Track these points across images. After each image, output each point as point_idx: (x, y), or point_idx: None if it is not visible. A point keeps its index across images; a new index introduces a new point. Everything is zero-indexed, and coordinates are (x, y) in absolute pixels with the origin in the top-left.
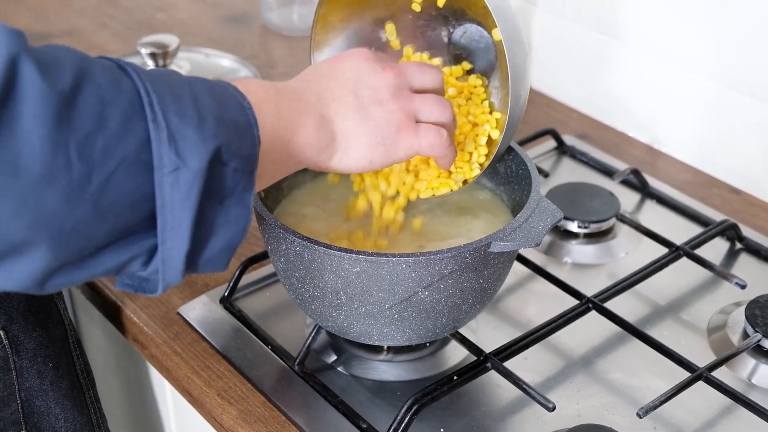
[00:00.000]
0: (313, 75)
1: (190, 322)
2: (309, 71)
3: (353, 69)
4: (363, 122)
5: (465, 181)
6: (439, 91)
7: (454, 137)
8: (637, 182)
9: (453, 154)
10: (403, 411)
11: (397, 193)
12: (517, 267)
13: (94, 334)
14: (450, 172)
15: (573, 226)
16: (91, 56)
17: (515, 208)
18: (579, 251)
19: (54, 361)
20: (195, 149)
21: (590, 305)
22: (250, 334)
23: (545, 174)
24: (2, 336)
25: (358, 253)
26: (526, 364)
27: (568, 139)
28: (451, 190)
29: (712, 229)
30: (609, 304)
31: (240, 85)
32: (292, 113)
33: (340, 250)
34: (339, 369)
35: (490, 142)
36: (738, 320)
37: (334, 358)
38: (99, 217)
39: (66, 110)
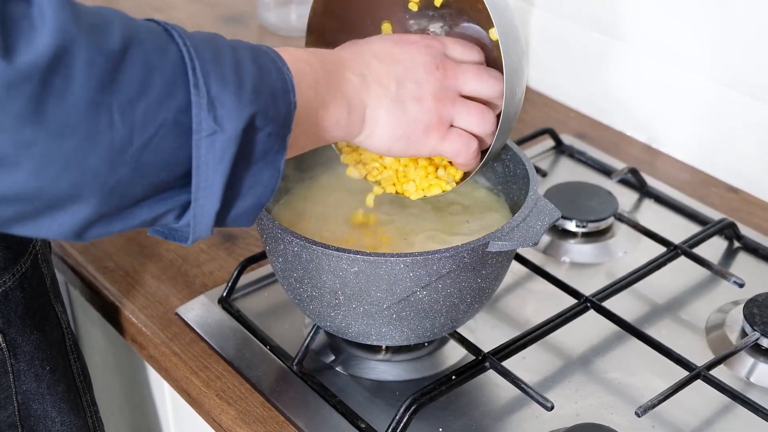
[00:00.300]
0: (368, 52)
1: (189, 322)
2: (366, 45)
3: (409, 59)
4: (396, 114)
5: (459, 181)
6: (493, 98)
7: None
8: (635, 181)
9: (476, 164)
10: (401, 411)
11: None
12: (515, 266)
13: (93, 334)
14: (437, 172)
15: (571, 226)
16: (138, 20)
17: (513, 208)
18: (577, 250)
19: (51, 364)
20: (232, 115)
21: (588, 304)
22: (249, 334)
23: (543, 173)
24: (0, 339)
25: (356, 253)
26: (525, 364)
27: (566, 139)
28: (443, 191)
29: (710, 228)
30: (607, 304)
31: (285, 54)
32: (330, 91)
33: (338, 250)
34: (337, 369)
35: None
36: (736, 319)
37: (332, 358)
38: (137, 175)
39: (112, 75)
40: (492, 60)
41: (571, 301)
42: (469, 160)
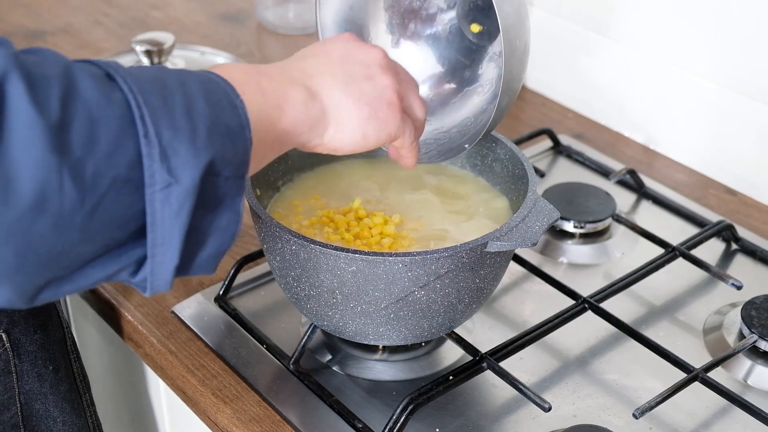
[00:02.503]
0: (296, 56)
1: (185, 320)
2: (294, 56)
3: (341, 47)
4: (353, 95)
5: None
6: (420, 116)
7: None
8: (633, 182)
9: (417, 154)
10: (398, 411)
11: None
12: (513, 267)
13: (89, 332)
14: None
15: (569, 226)
16: (79, 65)
17: (512, 208)
18: (575, 251)
19: (54, 364)
20: (188, 165)
21: (586, 305)
22: (245, 332)
23: (541, 174)
24: (4, 339)
25: (354, 252)
26: (522, 365)
27: (564, 139)
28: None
29: (708, 230)
30: (605, 305)
31: (221, 72)
32: (277, 89)
33: (336, 249)
34: (334, 368)
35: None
36: (734, 321)
37: (329, 357)
38: (87, 238)
39: (57, 135)
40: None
41: (568, 301)
42: (414, 145)
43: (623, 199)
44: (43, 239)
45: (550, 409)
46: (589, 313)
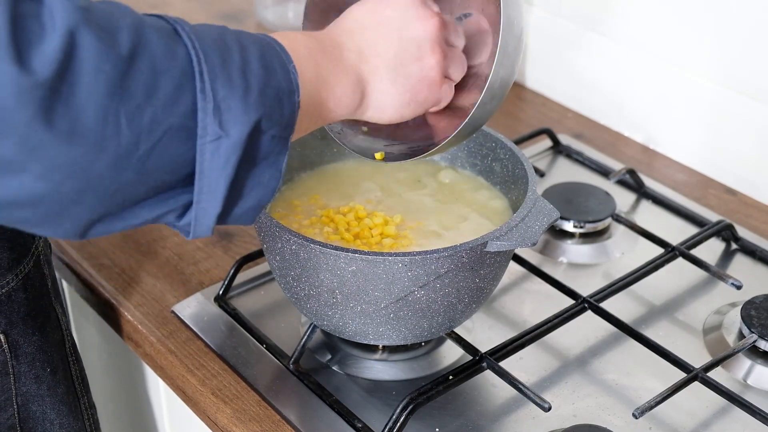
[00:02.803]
0: (356, 24)
1: (185, 320)
2: (351, 17)
3: (399, 16)
4: (398, 82)
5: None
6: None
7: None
8: (632, 182)
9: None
10: (398, 410)
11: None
12: (513, 266)
13: (89, 332)
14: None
15: (569, 226)
16: (149, 19)
17: (511, 208)
18: (575, 251)
19: (52, 366)
20: (238, 120)
21: (586, 305)
22: (245, 332)
23: (541, 174)
24: (2, 340)
25: (354, 251)
26: (522, 364)
27: (564, 139)
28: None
29: (707, 230)
30: (605, 304)
31: (283, 40)
32: (331, 71)
33: (336, 248)
34: (334, 368)
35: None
36: (734, 321)
37: (329, 357)
38: (141, 179)
39: (120, 81)
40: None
41: (568, 301)
42: (448, 101)
43: (623, 198)
44: (101, 177)
45: (549, 408)
46: (589, 313)
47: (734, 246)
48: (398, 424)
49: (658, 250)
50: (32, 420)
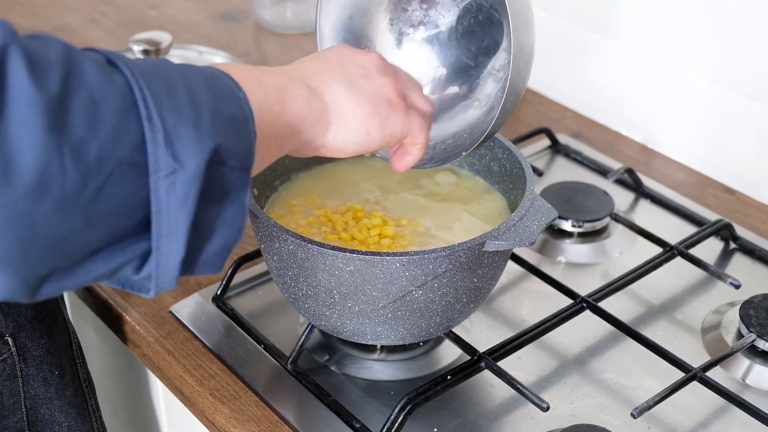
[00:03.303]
0: (294, 63)
1: (183, 320)
2: (291, 64)
3: (337, 52)
4: (353, 93)
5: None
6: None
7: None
8: (631, 181)
9: (422, 151)
10: (396, 410)
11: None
12: (511, 266)
13: (87, 333)
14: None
15: (567, 226)
16: (80, 50)
17: (510, 207)
18: (573, 250)
19: (59, 368)
20: (192, 150)
21: (584, 305)
22: (243, 332)
23: (539, 173)
24: (10, 343)
25: (352, 251)
26: (520, 364)
27: (563, 138)
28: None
29: (706, 229)
30: (603, 304)
31: (226, 69)
32: (278, 85)
33: (333, 248)
34: (332, 368)
35: None
36: (732, 320)
37: (327, 357)
38: (91, 224)
39: (57, 114)
40: (502, 39)
41: (567, 301)
42: (424, 141)
43: (621, 198)
44: (46, 223)
45: (548, 408)
46: (588, 313)
47: (733, 245)
48: (396, 424)
49: (657, 250)
50: (41, 423)
